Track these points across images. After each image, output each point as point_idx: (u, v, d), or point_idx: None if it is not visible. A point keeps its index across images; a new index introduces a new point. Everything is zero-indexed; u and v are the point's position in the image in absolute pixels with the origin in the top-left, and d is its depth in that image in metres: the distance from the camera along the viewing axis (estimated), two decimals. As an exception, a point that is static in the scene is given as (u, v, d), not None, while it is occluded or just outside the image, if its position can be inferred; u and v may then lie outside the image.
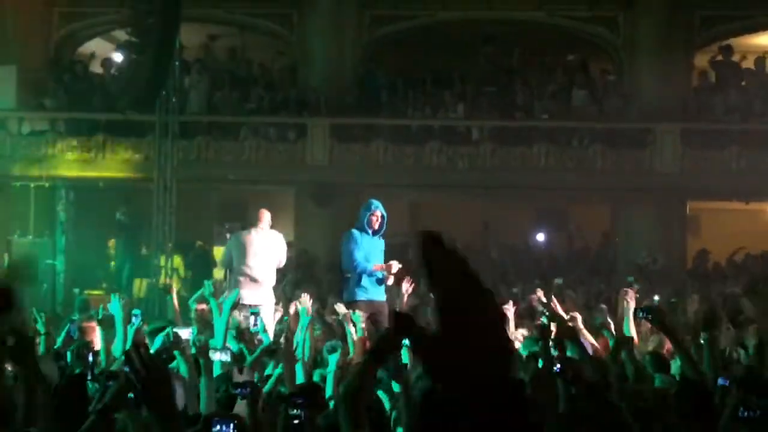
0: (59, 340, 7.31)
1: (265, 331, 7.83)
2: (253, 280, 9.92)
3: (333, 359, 6.44)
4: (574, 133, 17.07)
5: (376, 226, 9.35)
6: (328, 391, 5.99)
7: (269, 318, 9.14)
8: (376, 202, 9.49)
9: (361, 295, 9.15)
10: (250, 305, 9.05)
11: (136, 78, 14.38)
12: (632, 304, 7.39)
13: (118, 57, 17.68)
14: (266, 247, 10.09)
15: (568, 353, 6.08)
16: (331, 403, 5.45)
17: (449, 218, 18.86)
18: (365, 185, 17.18)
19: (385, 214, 9.43)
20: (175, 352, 5.70)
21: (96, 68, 19.19)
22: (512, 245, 18.01)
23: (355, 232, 9.32)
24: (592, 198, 18.38)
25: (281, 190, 18.62)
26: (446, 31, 18.36)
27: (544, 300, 8.05)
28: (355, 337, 7.43)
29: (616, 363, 5.82)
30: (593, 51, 18.63)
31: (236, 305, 7.89)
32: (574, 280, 15.05)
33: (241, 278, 9.97)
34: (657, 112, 17.16)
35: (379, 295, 9.26)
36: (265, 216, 10.26)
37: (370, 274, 9.18)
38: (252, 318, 7.73)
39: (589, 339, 7.32)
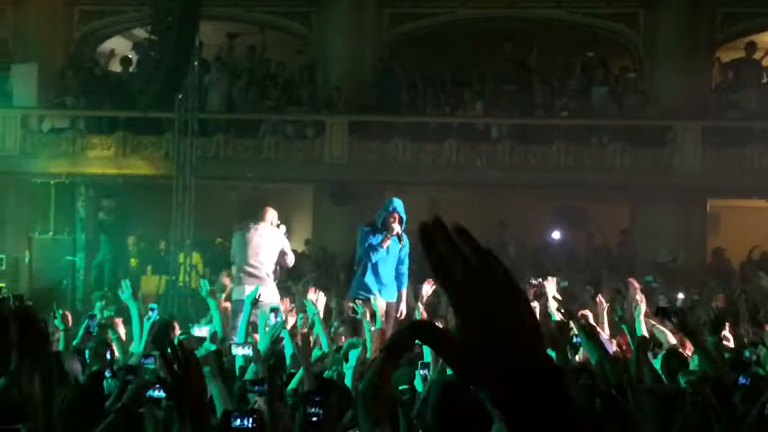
0: (78, 336, 7.34)
1: (284, 327, 7.84)
2: (254, 276, 9.96)
3: (354, 355, 6.45)
4: (594, 131, 17.00)
5: (394, 231, 8.85)
6: (348, 376, 6.02)
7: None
8: (396, 203, 8.98)
9: (360, 293, 8.87)
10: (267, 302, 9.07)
11: (156, 76, 14.43)
12: (643, 306, 7.43)
13: (136, 55, 17.75)
14: (267, 245, 10.11)
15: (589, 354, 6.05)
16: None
17: (468, 216, 18.82)
18: (384, 183, 17.19)
19: (404, 216, 8.94)
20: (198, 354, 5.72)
21: (116, 66, 19.29)
22: (531, 243, 17.95)
23: (365, 230, 9.00)
24: (611, 196, 18.30)
25: (300, 187, 18.66)
26: (465, 29, 18.31)
27: (558, 297, 8.00)
28: (372, 329, 7.46)
29: (638, 364, 5.79)
30: (613, 48, 18.54)
31: (255, 302, 7.94)
32: (592, 278, 14.98)
33: (242, 275, 10.05)
34: (677, 110, 17.06)
35: (388, 294, 8.88)
36: (269, 214, 10.28)
37: (374, 249, 8.81)
38: (272, 315, 7.73)
39: (605, 337, 7.30)
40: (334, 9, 18.35)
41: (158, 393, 4.45)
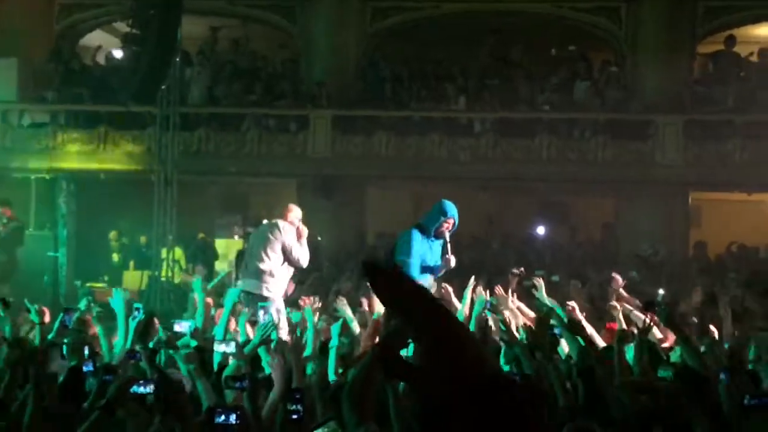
0: (53, 330, 7.27)
1: (274, 324, 7.81)
2: (261, 272, 9.72)
3: (335, 330, 6.43)
4: (576, 125, 17.03)
5: (446, 236, 8.43)
6: (330, 367, 5.99)
7: (281, 311, 9.06)
8: (452, 209, 8.45)
9: None
10: (258, 297, 9.05)
11: (138, 70, 14.34)
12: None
13: (119, 49, 17.63)
14: (262, 242, 9.91)
15: (569, 346, 6.06)
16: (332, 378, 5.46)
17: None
18: (367, 177, 17.19)
19: (458, 222, 8.50)
20: (171, 351, 5.69)
21: (97, 60, 19.16)
22: (514, 237, 17.99)
23: (417, 234, 8.43)
24: (594, 190, 18.35)
25: (283, 182, 18.60)
26: (449, 23, 18.31)
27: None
28: (357, 328, 7.47)
29: (616, 356, 5.80)
30: (595, 43, 18.57)
31: (237, 300, 7.89)
32: (575, 272, 15.00)
33: (250, 269, 9.91)
34: (659, 104, 17.11)
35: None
36: (290, 211, 9.73)
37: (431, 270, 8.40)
38: (261, 312, 7.67)
39: (587, 330, 7.34)
40: (317, 2, 18.29)
41: (142, 389, 4.42)
